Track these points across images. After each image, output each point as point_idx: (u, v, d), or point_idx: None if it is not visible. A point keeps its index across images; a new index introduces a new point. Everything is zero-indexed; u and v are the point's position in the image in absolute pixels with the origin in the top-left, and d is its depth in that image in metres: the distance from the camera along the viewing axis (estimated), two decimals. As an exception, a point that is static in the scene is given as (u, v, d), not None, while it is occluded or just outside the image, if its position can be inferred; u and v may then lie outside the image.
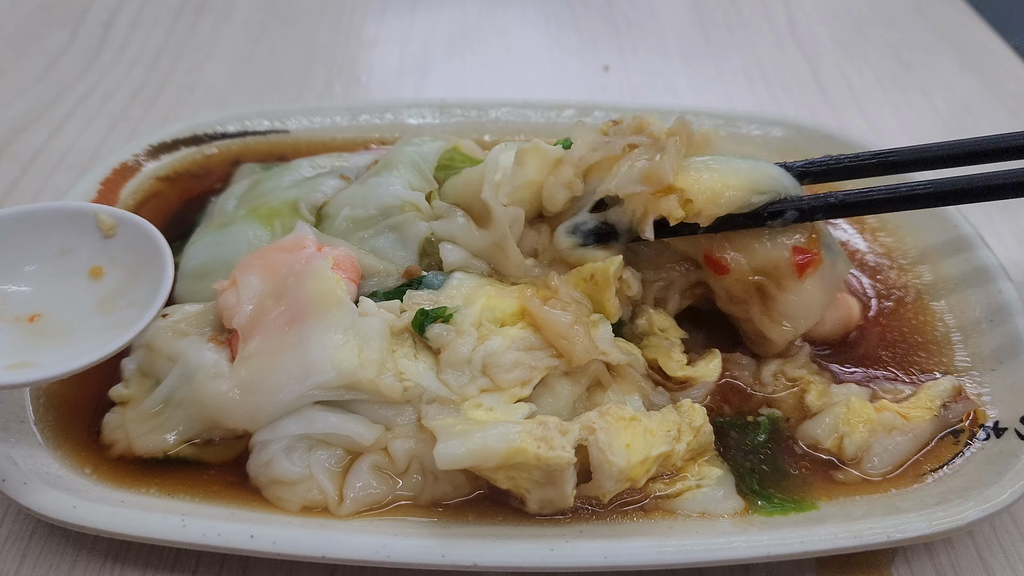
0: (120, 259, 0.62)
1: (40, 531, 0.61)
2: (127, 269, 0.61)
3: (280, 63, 1.23)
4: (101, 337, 0.56)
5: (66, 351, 0.55)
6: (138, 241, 0.61)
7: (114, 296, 0.60)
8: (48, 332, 0.57)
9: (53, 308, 0.59)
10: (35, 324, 0.57)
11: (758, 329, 0.67)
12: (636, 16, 1.38)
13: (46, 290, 0.59)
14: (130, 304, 0.59)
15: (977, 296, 0.73)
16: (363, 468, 0.59)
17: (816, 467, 0.63)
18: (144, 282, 0.60)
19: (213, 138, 0.92)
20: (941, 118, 1.15)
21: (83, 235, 0.62)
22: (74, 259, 0.61)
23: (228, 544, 0.53)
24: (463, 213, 0.70)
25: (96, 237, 0.62)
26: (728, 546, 0.54)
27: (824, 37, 1.33)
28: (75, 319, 0.58)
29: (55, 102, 1.10)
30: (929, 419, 0.64)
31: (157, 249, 0.60)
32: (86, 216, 0.62)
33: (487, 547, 0.54)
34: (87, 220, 0.62)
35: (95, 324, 0.58)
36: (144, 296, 0.59)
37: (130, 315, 0.59)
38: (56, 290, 0.59)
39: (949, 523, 0.55)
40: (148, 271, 0.60)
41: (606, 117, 0.96)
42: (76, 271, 0.61)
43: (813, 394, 0.66)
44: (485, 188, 0.66)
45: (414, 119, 0.95)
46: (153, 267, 0.60)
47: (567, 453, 0.55)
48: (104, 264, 0.62)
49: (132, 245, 0.62)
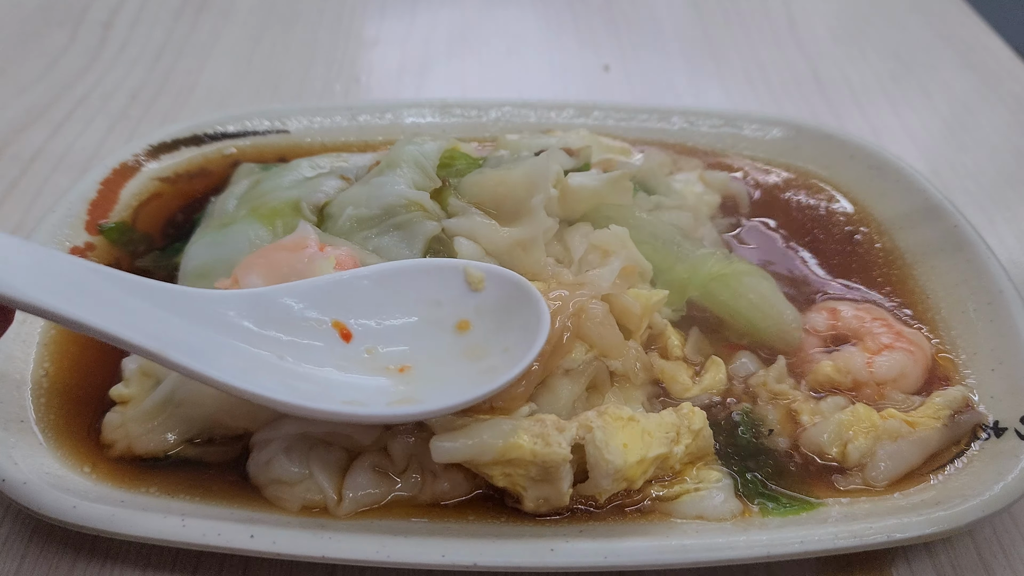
0: (487, 311, 0.60)
1: (40, 531, 0.61)
2: (495, 320, 0.60)
3: (280, 63, 1.23)
4: (475, 380, 0.56)
5: (444, 392, 0.54)
6: (506, 292, 0.60)
7: (482, 345, 0.59)
8: (419, 379, 0.56)
9: (421, 360, 0.58)
10: (405, 374, 0.57)
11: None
12: (636, 15, 1.38)
13: (415, 344, 0.58)
14: (503, 350, 0.58)
15: (977, 296, 0.73)
16: (362, 468, 0.59)
17: (817, 471, 0.63)
18: (514, 330, 0.58)
19: (213, 138, 0.92)
20: (941, 118, 1.15)
21: (450, 289, 0.60)
22: (440, 312, 0.60)
23: (228, 544, 0.53)
24: (480, 212, 0.70)
25: (463, 291, 0.60)
26: (728, 546, 0.54)
27: (824, 36, 1.33)
28: (444, 368, 0.58)
29: (55, 102, 1.10)
30: (937, 428, 0.63)
31: (530, 298, 0.58)
32: (455, 271, 0.61)
33: (487, 547, 0.54)
34: (455, 275, 0.61)
35: (464, 370, 0.57)
36: (514, 342, 0.57)
37: (502, 360, 0.57)
38: (423, 344, 0.58)
39: (949, 523, 0.55)
40: (517, 319, 0.59)
41: (606, 117, 0.96)
42: (443, 325, 0.59)
43: (806, 415, 0.65)
44: (537, 196, 0.68)
45: (414, 119, 0.95)
46: (524, 315, 0.58)
47: (563, 450, 0.55)
48: (471, 317, 0.60)
49: (500, 296, 0.60)
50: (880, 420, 0.63)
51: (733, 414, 0.66)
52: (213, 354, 0.51)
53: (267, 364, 0.54)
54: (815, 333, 0.72)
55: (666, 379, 0.67)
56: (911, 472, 0.62)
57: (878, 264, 0.82)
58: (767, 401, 0.67)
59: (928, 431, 0.63)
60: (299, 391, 0.53)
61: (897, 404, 0.66)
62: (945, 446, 0.64)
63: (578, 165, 0.77)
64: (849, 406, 0.65)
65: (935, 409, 0.65)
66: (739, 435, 0.64)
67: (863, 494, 0.61)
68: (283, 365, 0.54)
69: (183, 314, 0.52)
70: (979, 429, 0.64)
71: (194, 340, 0.51)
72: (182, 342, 0.50)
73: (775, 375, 0.68)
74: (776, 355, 0.70)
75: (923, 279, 0.79)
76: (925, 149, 1.09)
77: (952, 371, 0.70)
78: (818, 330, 0.72)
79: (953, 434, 0.64)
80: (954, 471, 0.61)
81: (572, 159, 0.77)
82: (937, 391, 0.67)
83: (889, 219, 0.86)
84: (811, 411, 0.65)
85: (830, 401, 0.67)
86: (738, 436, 0.64)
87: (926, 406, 0.66)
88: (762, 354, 0.71)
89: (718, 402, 0.67)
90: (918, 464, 0.62)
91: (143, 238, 0.82)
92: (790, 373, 0.69)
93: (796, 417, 0.65)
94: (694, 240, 0.76)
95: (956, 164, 1.05)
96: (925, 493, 0.60)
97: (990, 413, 0.65)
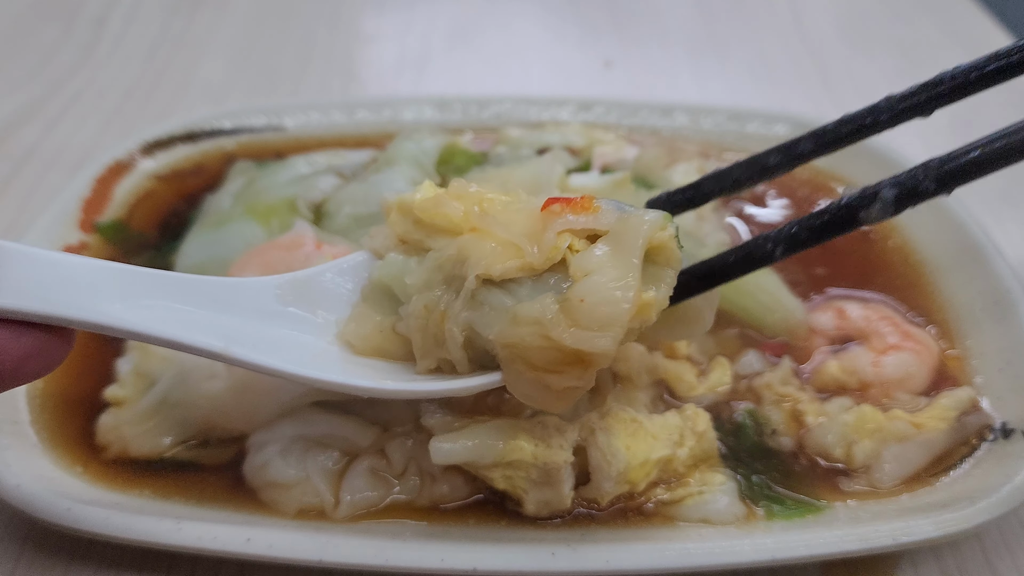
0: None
1: (34, 534, 0.60)
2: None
3: (276, 59, 1.21)
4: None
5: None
6: None
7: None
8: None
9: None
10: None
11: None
12: (638, 9, 1.37)
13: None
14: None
15: (984, 296, 0.72)
16: (360, 470, 0.58)
17: (822, 473, 0.62)
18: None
19: (209, 135, 0.91)
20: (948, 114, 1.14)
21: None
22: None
23: (224, 548, 0.53)
24: None
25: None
26: (732, 550, 0.53)
27: (829, 32, 1.32)
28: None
29: (48, 99, 1.09)
30: (944, 429, 0.62)
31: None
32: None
33: (487, 551, 0.53)
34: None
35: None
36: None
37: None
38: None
39: (956, 526, 0.54)
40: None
41: (607, 112, 0.95)
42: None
43: (811, 415, 0.64)
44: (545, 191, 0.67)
45: (413, 115, 0.94)
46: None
47: (565, 452, 0.54)
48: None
49: None
50: (886, 421, 0.62)
51: (737, 416, 0.65)
52: (272, 346, 0.49)
53: (319, 349, 0.52)
54: (821, 332, 0.71)
55: (671, 379, 0.66)
56: (917, 474, 0.61)
57: (884, 263, 0.81)
58: (772, 402, 0.66)
59: (934, 432, 0.62)
60: (354, 373, 0.51)
61: (903, 405, 0.66)
62: (952, 448, 0.63)
63: (579, 164, 0.76)
64: (855, 407, 0.64)
65: (942, 410, 0.64)
66: (744, 437, 0.64)
67: (869, 496, 0.60)
68: (331, 349, 0.53)
69: (234, 308, 0.50)
70: (986, 430, 0.63)
71: (254, 333, 0.49)
72: (245, 337, 0.48)
73: (780, 377, 0.67)
74: (782, 345, 0.69)
75: (930, 278, 0.78)
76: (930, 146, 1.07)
77: (959, 372, 0.69)
78: (824, 329, 0.71)
79: (960, 435, 0.63)
80: (961, 473, 0.61)
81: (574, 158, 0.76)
82: (944, 392, 0.66)
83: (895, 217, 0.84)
84: (816, 412, 0.64)
85: (835, 402, 0.66)
86: (743, 438, 0.64)
87: (933, 407, 0.65)
88: (767, 350, 0.70)
89: (723, 403, 0.66)
90: (924, 466, 0.62)
91: (138, 236, 0.81)
92: (795, 373, 0.68)
93: (801, 418, 0.64)
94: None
95: (961, 160, 1.04)
96: (932, 495, 0.59)
97: (997, 414, 0.64)
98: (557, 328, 0.45)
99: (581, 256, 0.47)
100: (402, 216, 0.53)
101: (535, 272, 0.48)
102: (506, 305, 0.47)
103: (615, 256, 0.46)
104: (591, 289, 0.45)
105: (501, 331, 0.47)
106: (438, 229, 0.51)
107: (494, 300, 0.48)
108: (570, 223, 0.48)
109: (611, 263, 0.46)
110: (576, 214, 0.48)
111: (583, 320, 0.45)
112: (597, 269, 0.46)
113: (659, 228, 0.47)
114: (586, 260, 0.46)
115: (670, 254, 0.49)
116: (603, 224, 0.48)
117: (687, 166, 0.87)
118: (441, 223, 0.51)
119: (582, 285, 0.46)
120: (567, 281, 0.47)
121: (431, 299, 0.50)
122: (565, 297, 0.46)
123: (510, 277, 0.48)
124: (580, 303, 0.45)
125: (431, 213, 0.51)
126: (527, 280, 0.48)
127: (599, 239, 0.48)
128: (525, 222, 0.49)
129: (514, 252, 0.48)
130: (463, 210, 0.50)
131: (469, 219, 0.50)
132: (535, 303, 0.46)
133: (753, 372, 0.68)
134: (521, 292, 0.48)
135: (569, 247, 0.48)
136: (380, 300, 0.53)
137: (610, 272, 0.46)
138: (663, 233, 0.48)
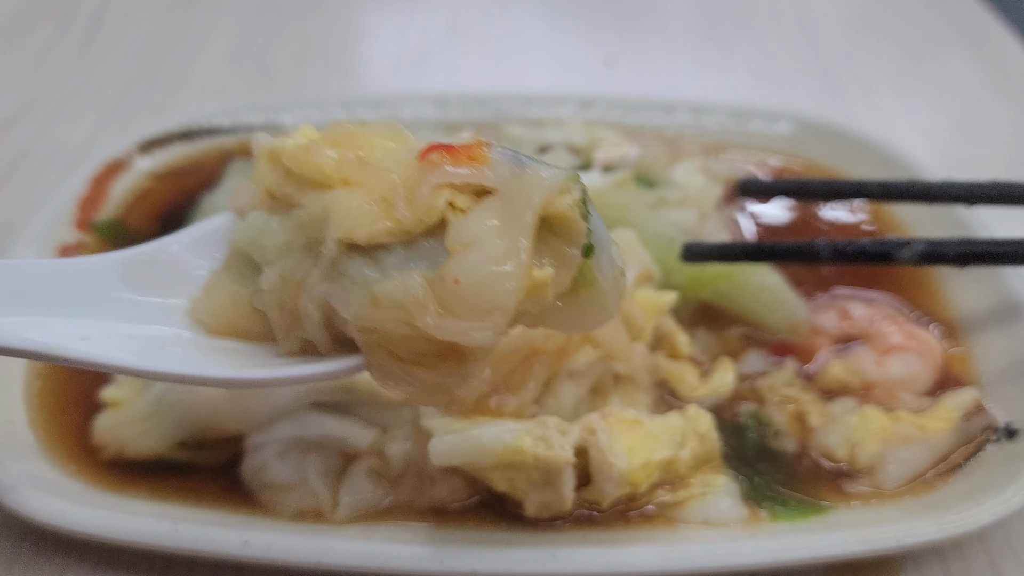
0: None
1: (30, 536, 0.59)
2: None
3: (274, 55, 1.20)
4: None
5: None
6: None
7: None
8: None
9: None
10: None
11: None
12: (640, 5, 1.36)
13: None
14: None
15: (987, 296, 0.72)
16: (358, 472, 0.58)
17: (826, 475, 0.61)
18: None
19: (206, 133, 0.90)
20: (951, 112, 1.13)
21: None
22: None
23: (221, 550, 0.52)
24: None
25: None
26: (735, 553, 0.52)
27: (832, 29, 1.31)
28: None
29: (45, 96, 1.08)
30: (948, 430, 0.62)
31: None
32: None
33: (486, 554, 0.52)
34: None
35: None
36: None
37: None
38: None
39: (961, 528, 0.54)
40: None
41: (608, 110, 0.94)
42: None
43: (814, 416, 0.63)
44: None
45: (412, 112, 0.93)
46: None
47: (566, 453, 0.54)
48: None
49: None
50: (890, 423, 0.62)
51: (740, 417, 0.64)
52: (109, 336, 0.42)
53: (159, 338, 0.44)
54: (824, 332, 0.71)
55: (673, 379, 0.66)
56: (921, 475, 0.61)
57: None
58: (775, 404, 0.65)
59: (938, 434, 0.62)
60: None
61: (907, 405, 0.65)
62: (956, 449, 0.62)
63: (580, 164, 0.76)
64: (858, 408, 0.64)
65: (946, 411, 0.64)
66: (746, 438, 0.63)
67: (873, 498, 0.59)
68: (183, 334, 0.44)
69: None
70: (990, 431, 0.63)
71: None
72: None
73: (784, 379, 0.66)
74: (785, 346, 0.69)
75: (933, 278, 0.77)
76: (934, 144, 1.07)
77: (963, 372, 0.69)
78: (828, 329, 0.71)
79: (964, 437, 0.63)
80: (965, 474, 0.60)
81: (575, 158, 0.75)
82: (948, 393, 0.66)
83: (898, 216, 0.84)
84: (820, 413, 0.64)
85: (839, 403, 0.65)
86: (745, 439, 0.63)
87: (937, 408, 0.64)
88: (770, 350, 0.69)
89: (725, 404, 0.65)
90: (928, 467, 0.61)
91: (135, 235, 0.80)
92: (799, 374, 0.68)
93: (804, 419, 0.64)
94: (698, 238, 0.74)
95: (965, 159, 1.03)
96: (936, 497, 0.59)
97: (1001, 415, 0.64)
98: (424, 315, 0.36)
99: (460, 223, 0.37)
100: (272, 166, 0.43)
101: (409, 236, 0.38)
102: (369, 279, 0.38)
103: (502, 223, 0.36)
104: (468, 267, 0.36)
105: (358, 312, 0.37)
106: (309, 182, 0.41)
107: (355, 271, 0.38)
108: (450, 176, 0.38)
109: (496, 233, 0.36)
110: (458, 165, 0.38)
111: (457, 306, 0.36)
112: (478, 240, 0.36)
113: (559, 192, 0.37)
114: (465, 228, 0.37)
115: (572, 226, 0.38)
116: (491, 180, 0.38)
117: (689, 164, 0.86)
118: (312, 174, 0.41)
119: (458, 261, 0.36)
120: (446, 252, 0.37)
121: (288, 267, 0.41)
122: (437, 275, 0.37)
123: (378, 242, 0.38)
124: (455, 284, 0.36)
125: (300, 162, 0.41)
126: (398, 247, 0.38)
127: (486, 198, 0.38)
128: (405, 173, 0.39)
129: (387, 211, 0.38)
130: (337, 159, 0.41)
131: (342, 169, 0.40)
132: (396, 281, 0.37)
133: (756, 372, 0.68)
134: (389, 262, 0.38)
135: (450, 205, 0.38)
136: (240, 269, 0.44)
137: (494, 244, 0.36)
138: (565, 198, 0.38)
